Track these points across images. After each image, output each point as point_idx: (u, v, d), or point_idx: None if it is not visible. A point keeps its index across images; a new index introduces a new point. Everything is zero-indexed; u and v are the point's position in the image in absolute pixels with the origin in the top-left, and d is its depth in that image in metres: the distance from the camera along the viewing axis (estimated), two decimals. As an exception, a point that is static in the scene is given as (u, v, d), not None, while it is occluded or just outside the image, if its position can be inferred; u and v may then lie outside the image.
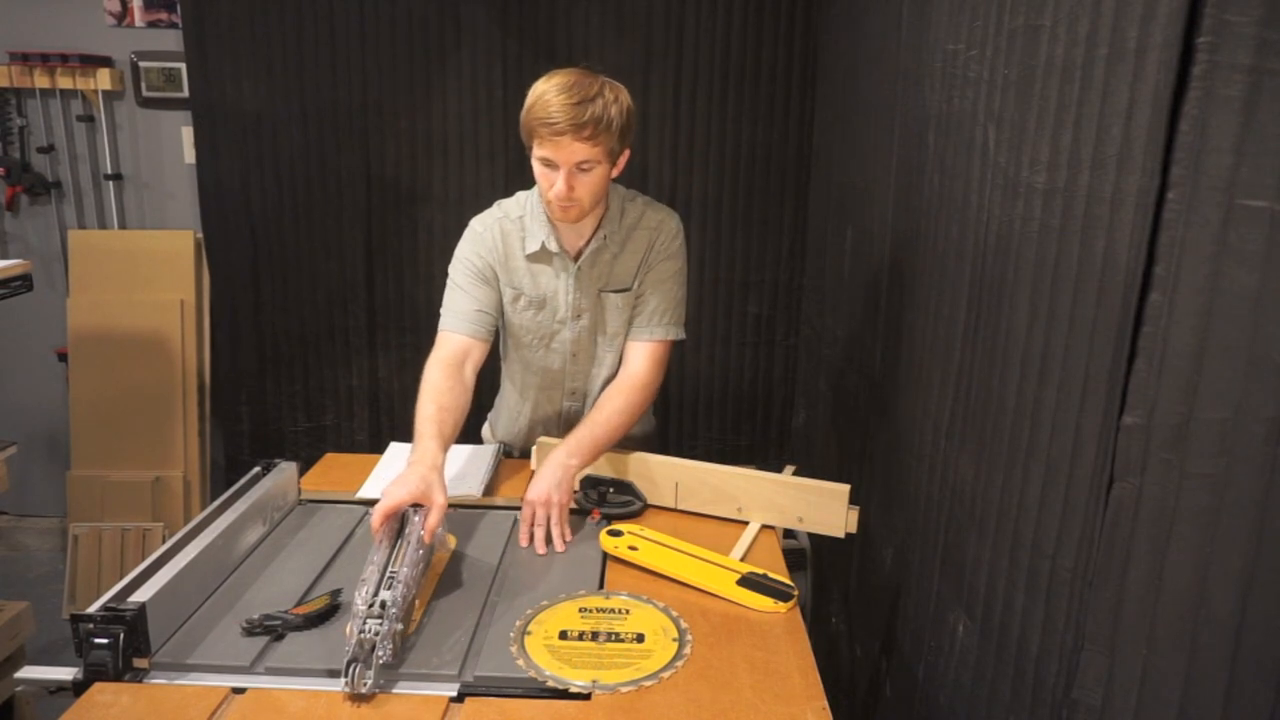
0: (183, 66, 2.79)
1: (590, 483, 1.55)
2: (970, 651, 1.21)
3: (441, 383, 1.49)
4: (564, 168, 1.43)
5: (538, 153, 1.45)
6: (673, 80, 2.69)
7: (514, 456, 1.80)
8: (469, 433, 1.64)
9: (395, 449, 1.76)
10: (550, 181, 1.46)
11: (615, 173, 1.53)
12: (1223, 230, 0.72)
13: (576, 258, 1.60)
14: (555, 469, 1.48)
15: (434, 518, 1.24)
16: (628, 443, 1.64)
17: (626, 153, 1.53)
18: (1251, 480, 0.71)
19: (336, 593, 1.22)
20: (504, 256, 1.61)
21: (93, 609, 1.06)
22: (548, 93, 1.41)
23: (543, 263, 1.61)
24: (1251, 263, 0.70)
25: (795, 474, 1.50)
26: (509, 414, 1.81)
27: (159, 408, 2.88)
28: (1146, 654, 0.82)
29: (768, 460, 2.93)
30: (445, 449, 1.39)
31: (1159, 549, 0.80)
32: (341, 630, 1.14)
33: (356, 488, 1.61)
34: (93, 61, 2.83)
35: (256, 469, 1.50)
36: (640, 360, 1.63)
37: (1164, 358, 0.79)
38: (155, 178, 2.98)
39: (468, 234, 1.63)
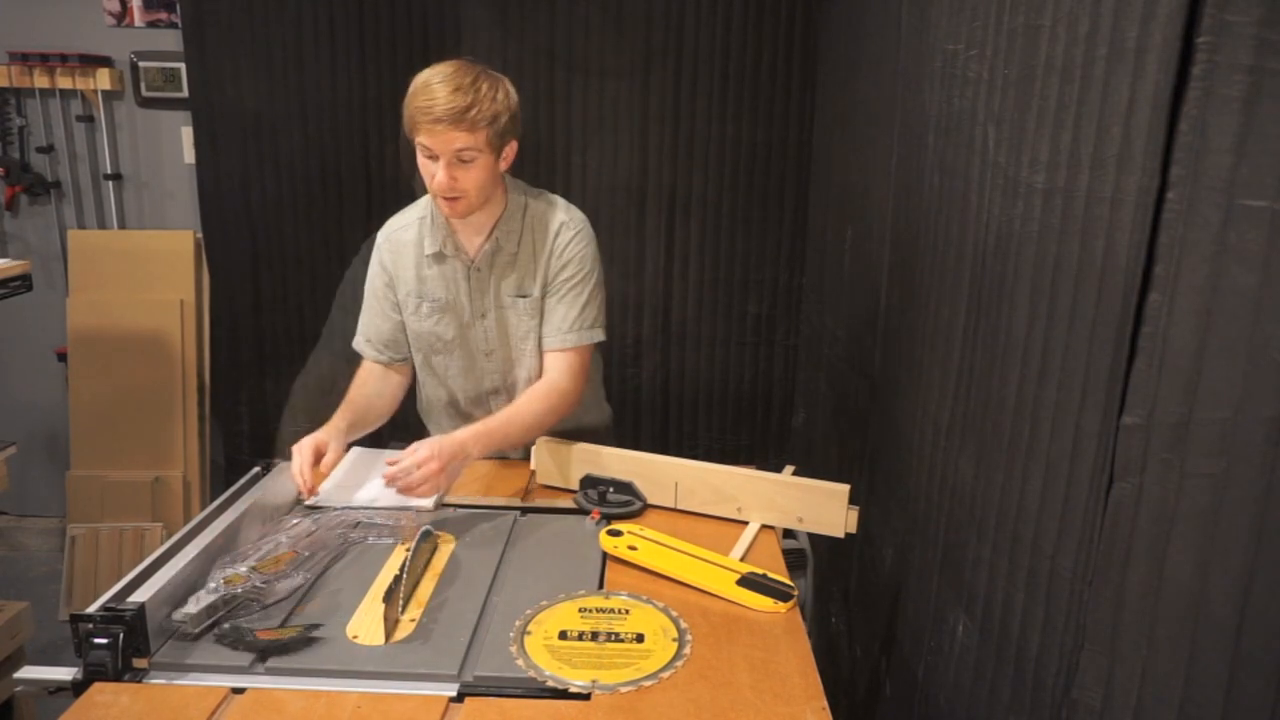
0: (182, 66, 2.79)
1: (590, 483, 1.55)
2: (970, 651, 1.21)
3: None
4: (443, 157, 1.44)
5: (419, 141, 1.46)
6: (673, 80, 2.68)
7: (511, 457, 1.79)
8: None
9: (356, 453, 1.69)
10: (431, 172, 1.46)
11: (504, 166, 1.52)
12: (1223, 230, 0.72)
13: (475, 259, 1.59)
14: (453, 449, 1.44)
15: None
16: (583, 434, 1.62)
17: (514, 145, 1.52)
18: (1251, 480, 0.71)
19: (312, 627, 1.14)
20: (397, 267, 1.62)
21: (92, 609, 1.06)
22: (430, 81, 1.42)
23: (442, 264, 1.60)
24: (1251, 263, 0.70)
25: (795, 474, 1.49)
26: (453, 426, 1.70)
27: (159, 408, 2.88)
28: (1146, 654, 0.82)
29: (768, 460, 2.92)
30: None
31: (1159, 549, 0.80)
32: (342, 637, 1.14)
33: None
34: (92, 61, 2.83)
35: (256, 469, 1.50)
36: (556, 368, 1.61)
37: (1164, 358, 0.79)
38: (155, 178, 2.98)
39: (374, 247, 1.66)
